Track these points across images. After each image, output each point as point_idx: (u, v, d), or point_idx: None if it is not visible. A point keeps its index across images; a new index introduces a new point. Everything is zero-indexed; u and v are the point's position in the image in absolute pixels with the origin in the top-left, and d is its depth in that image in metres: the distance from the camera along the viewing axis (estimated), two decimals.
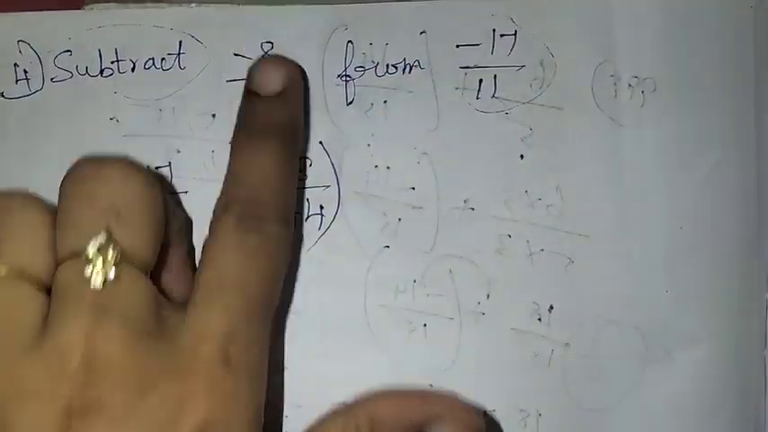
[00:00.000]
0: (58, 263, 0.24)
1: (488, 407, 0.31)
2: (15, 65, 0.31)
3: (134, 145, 0.31)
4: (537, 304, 0.32)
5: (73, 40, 0.31)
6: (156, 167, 0.31)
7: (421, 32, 0.31)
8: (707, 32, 0.31)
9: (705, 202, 0.31)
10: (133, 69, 0.31)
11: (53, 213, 0.25)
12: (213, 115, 0.31)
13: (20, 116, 0.31)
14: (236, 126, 0.28)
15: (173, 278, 0.28)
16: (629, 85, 0.31)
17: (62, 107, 0.31)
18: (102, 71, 0.31)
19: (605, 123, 0.31)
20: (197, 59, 0.31)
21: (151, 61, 0.31)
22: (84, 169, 0.25)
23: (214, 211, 0.26)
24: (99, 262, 0.23)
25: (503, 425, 0.31)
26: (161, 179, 0.28)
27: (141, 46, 0.31)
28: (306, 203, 0.31)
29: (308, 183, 0.31)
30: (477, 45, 0.31)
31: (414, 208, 0.31)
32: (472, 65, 0.31)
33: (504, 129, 0.31)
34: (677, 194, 0.31)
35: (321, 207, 0.31)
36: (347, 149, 0.31)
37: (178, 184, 0.31)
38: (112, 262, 0.23)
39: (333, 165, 0.31)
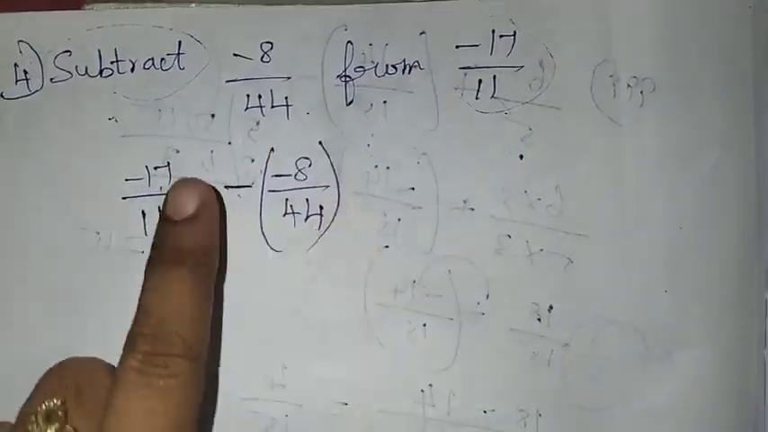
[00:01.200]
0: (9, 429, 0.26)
1: (488, 407, 0.31)
2: (15, 65, 0.31)
3: (133, 145, 0.31)
4: (536, 304, 0.32)
5: (73, 41, 0.31)
6: (155, 167, 0.31)
7: (420, 33, 0.31)
8: (706, 33, 0.31)
9: (705, 202, 0.31)
10: (133, 69, 0.31)
11: None
12: (212, 115, 0.31)
13: (19, 116, 0.31)
14: (150, 255, 0.28)
15: None
16: (628, 86, 0.31)
17: (61, 107, 0.31)
18: (101, 71, 0.31)
19: (604, 123, 0.31)
20: (196, 60, 0.31)
21: (151, 61, 0.31)
22: (66, 359, 0.28)
23: (124, 346, 0.27)
24: (42, 421, 0.25)
25: (503, 425, 0.31)
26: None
27: (141, 46, 0.31)
28: (306, 203, 0.31)
29: (308, 183, 0.31)
30: (477, 46, 0.31)
31: (413, 208, 0.31)
32: (472, 65, 0.31)
33: (504, 129, 0.31)
34: (677, 194, 0.31)
35: (321, 207, 0.31)
36: (347, 150, 0.31)
37: None
38: (56, 425, 0.25)
39: (332, 165, 0.31)
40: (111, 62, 0.31)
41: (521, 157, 0.31)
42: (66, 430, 0.25)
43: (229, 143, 0.31)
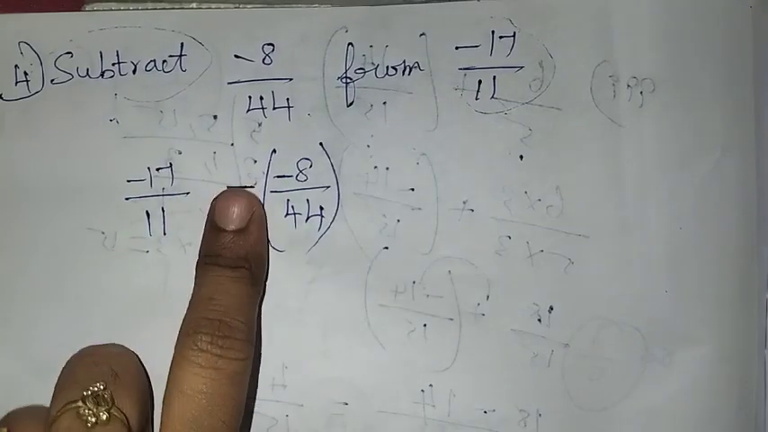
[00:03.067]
0: (51, 420, 0.26)
1: (488, 407, 0.32)
2: (16, 66, 0.31)
3: (134, 146, 0.31)
4: (537, 305, 0.32)
5: (74, 42, 0.31)
6: (158, 169, 0.31)
7: (420, 34, 0.31)
8: (706, 32, 0.31)
9: (705, 202, 0.31)
10: (134, 71, 0.31)
11: None
12: (215, 117, 0.31)
13: (19, 118, 0.31)
14: (202, 256, 0.30)
15: None
16: (628, 86, 0.31)
17: (62, 109, 0.31)
18: (102, 73, 0.31)
19: (604, 124, 0.31)
20: (198, 61, 0.31)
21: (152, 63, 0.31)
22: (86, 348, 0.29)
23: (181, 331, 0.28)
24: (92, 405, 0.26)
25: (503, 425, 0.31)
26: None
27: (143, 48, 0.31)
28: (306, 204, 0.32)
29: (309, 184, 0.32)
30: (477, 46, 0.31)
31: (413, 209, 0.32)
32: (471, 66, 0.31)
33: (504, 129, 0.31)
34: (677, 194, 0.31)
35: (321, 208, 0.32)
36: (347, 151, 0.32)
37: (179, 186, 0.31)
38: (105, 407, 0.26)
39: (333, 166, 0.32)
40: (113, 64, 0.31)
41: (521, 157, 0.32)
42: (114, 412, 0.26)
43: (232, 144, 0.31)
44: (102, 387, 0.26)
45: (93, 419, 0.25)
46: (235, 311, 0.28)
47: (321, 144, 0.31)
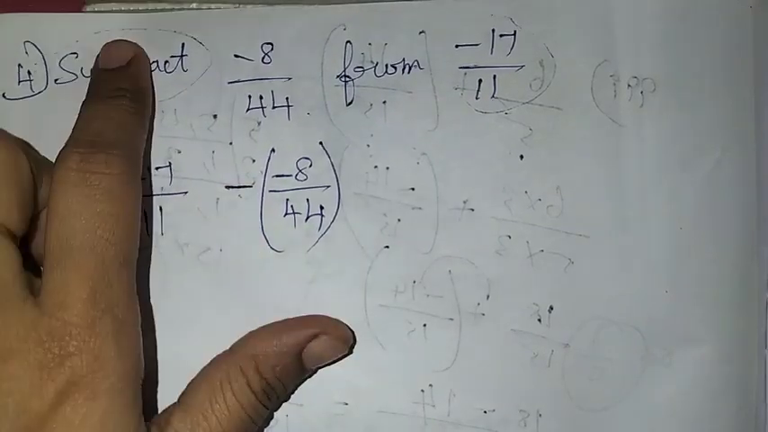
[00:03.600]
0: None
1: (488, 407, 0.31)
2: (19, 65, 0.31)
3: None
4: (537, 305, 0.31)
5: (80, 43, 0.32)
6: (157, 168, 0.31)
7: (420, 32, 0.31)
8: (706, 32, 0.31)
9: (705, 202, 0.31)
10: None
11: None
12: (215, 116, 0.32)
13: (21, 117, 0.31)
14: (86, 96, 0.29)
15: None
16: (629, 86, 0.31)
17: (65, 109, 0.31)
18: None
19: (605, 123, 0.31)
20: (199, 62, 0.32)
21: (155, 64, 0.32)
22: None
23: (57, 157, 0.26)
24: None
25: (503, 425, 0.31)
26: (25, 146, 0.29)
27: (146, 49, 0.31)
28: (306, 204, 0.32)
29: (308, 183, 0.32)
30: (477, 45, 0.31)
31: (413, 208, 0.32)
32: (471, 65, 0.31)
33: (504, 129, 0.31)
34: (677, 194, 0.31)
35: (321, 207, 0.32)
36: (347, 150, 0.32)
37: (177, 185, 0.31)
38: None
39: (332, 165, 0.32)
40: None
41: (521, 157, 0.31)
42: None
43: (231, 143, 0.32)
44: None
45: None
46: (110, 133, 0.27)
47: (321, 143, 0.32)
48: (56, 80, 0.32)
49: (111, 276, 0.25)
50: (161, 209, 0.31)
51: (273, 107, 0.32)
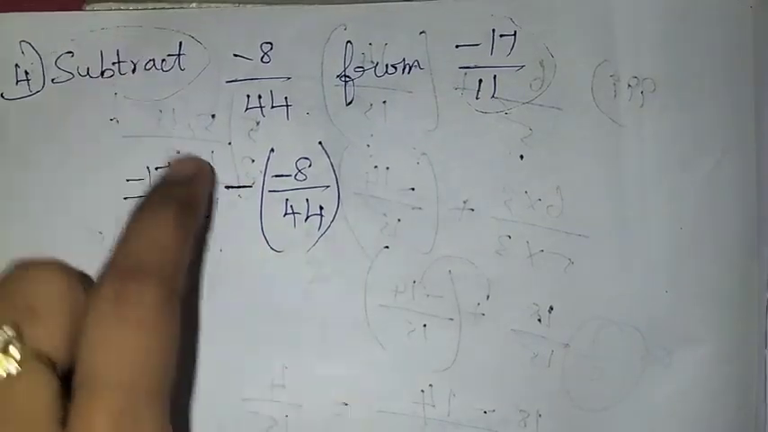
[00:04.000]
0: None
1: (488, 407, 0.31)
2: (16, 65, 0.31)
3: (134, 146, 0.31)
4: (537, 305, 0.31)
5: (76, 42, 0.31)
6: (156, 168, 0.31)
7: (420, 32, 0.31)
8: (706, 33, 0.31)
9: (705, 202, 0.31)
10: (134, 71, 0.31)
11: None
12: (213, 116, 0.31)
13: (20, 117, 0.31)
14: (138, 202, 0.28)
15: None
16: (629, 86, 0.31)
17: (62, 108, 0.31)
18: (102, 72, 0.31)
19: (605, 123, 0.31)
20: (197, 60, 0.31)
21: (152, 62, 0.31)
22: (12, 270, 0.25)
23: (99, 275, 0.25)
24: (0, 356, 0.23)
25: (503, 425, 0.31)
26: (84, 279, 0.27)
27: (142, 47, 0.31)
28: (305, 204, 0.31)
29: (308, 183, 0.31)
30: (477, 45, 0.31)
31: (413, 208, 0.31)
32: (472, 65, 0.31)
33: (504, 129, 0.31)
34: (677, 194, 0.31)
35: (321, 207, 0.31)
36: (347, 150, 0.31)
37: None
38: (15, 357, 0.23)
39: (332, 165, 0.31)
40: (113, 63, 0.31)
41: (521, 157, 0.31)
42: (30, 359, 0.23)
43: (229, 143, 0.31)
44: (10, 333, 0.23)
45: (3, 374, 0.23)
46: (149, 255, 0.25)
47: (320, 143, 0.31)
48: (53, 80, 0.31)
49: (138, 412, 0.24)
50: None
51: (272, 107, 0.31)
